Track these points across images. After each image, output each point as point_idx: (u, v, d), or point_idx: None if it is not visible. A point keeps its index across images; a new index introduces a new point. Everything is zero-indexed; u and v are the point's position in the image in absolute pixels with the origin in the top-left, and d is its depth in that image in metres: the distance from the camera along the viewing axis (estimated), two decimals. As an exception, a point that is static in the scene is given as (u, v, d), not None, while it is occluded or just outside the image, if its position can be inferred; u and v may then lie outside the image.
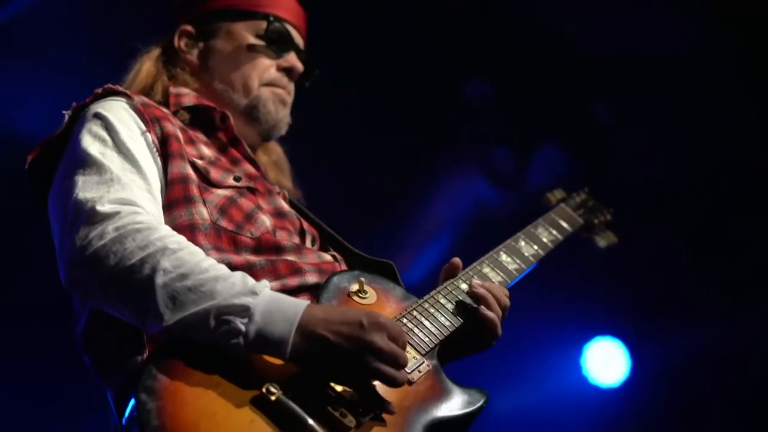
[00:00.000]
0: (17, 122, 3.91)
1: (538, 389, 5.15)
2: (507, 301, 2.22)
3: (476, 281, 2.21)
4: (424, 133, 5.00)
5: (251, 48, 2.53)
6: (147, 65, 2.54)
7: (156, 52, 2.59)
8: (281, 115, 2.57)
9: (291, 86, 2.60)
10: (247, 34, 2.54)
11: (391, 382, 1.81)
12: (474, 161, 5.31)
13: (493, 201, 5.29)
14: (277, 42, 2.55)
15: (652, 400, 5.16)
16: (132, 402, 1.68)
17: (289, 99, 2.60)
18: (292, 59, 2.57)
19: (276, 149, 2.75)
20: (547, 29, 4.98)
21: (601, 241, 3.10)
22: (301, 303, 1.82)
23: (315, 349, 1.77)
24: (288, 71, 2.57)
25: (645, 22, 4.78)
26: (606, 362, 5.24)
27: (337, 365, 1.79)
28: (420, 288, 2.22)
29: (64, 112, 2.20)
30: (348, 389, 1.81)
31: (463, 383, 2.02)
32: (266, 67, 2.53)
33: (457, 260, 2.28)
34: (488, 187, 5.31)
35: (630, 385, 5.20)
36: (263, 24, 2.55)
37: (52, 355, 3.61)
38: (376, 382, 1.82)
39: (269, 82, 2.54)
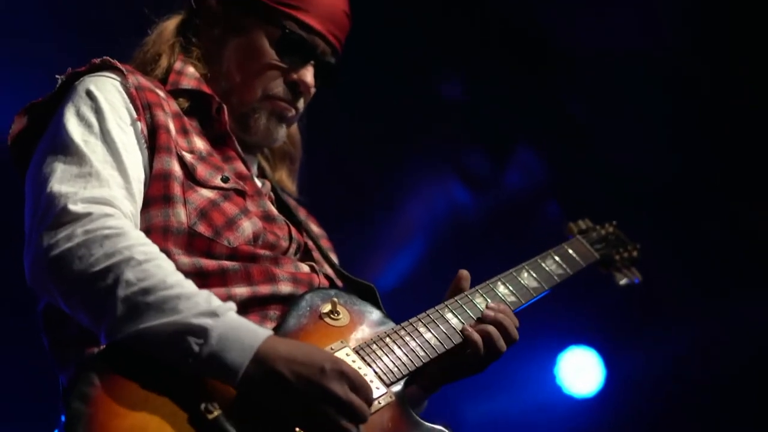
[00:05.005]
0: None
1: (511, 399, 5.06)
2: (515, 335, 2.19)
3: (492, 304, 2.19)
4: (397, 134, 4.88)
5: (262, 54, 2.27)
6: (169, 29, 2.34)
7: (179, 18, 2.38)
8: (274, 131, 2.32)
9: (299, 102, 2.34)
10: (262, 37, 2.27)
11: None
12: (448, 163, 5.22)
13: (467, 204, 5.19)
14: (291, 53, 2.27)
15: (626, 411, 5.06)
16: (65, 408, 1.66)
17: (292, 115, 2.34)
18: (303, 74, 2.29)
19: (294, 136, 2.55)
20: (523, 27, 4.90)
21: (622, 279, 2.92)
22: (262, 333, 1.76)
23: (268, 383, 1.72)
24: (296, 86, 2.31)
25: (620, 19, 4.73)
26: (580, 372, 5.16)
27: (288, 405, 1.74)
28: (392, 293, 2.10)
29: (57, 76, 2.11)
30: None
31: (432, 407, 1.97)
32: (272, 78, 2.28)
33: (464, 272, 2.28)
34: (462, 189, 5.21)
35: (605, 395, 5.11)
36: (278, 32, 2.26)
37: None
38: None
39: (272, 95, 2.28)
